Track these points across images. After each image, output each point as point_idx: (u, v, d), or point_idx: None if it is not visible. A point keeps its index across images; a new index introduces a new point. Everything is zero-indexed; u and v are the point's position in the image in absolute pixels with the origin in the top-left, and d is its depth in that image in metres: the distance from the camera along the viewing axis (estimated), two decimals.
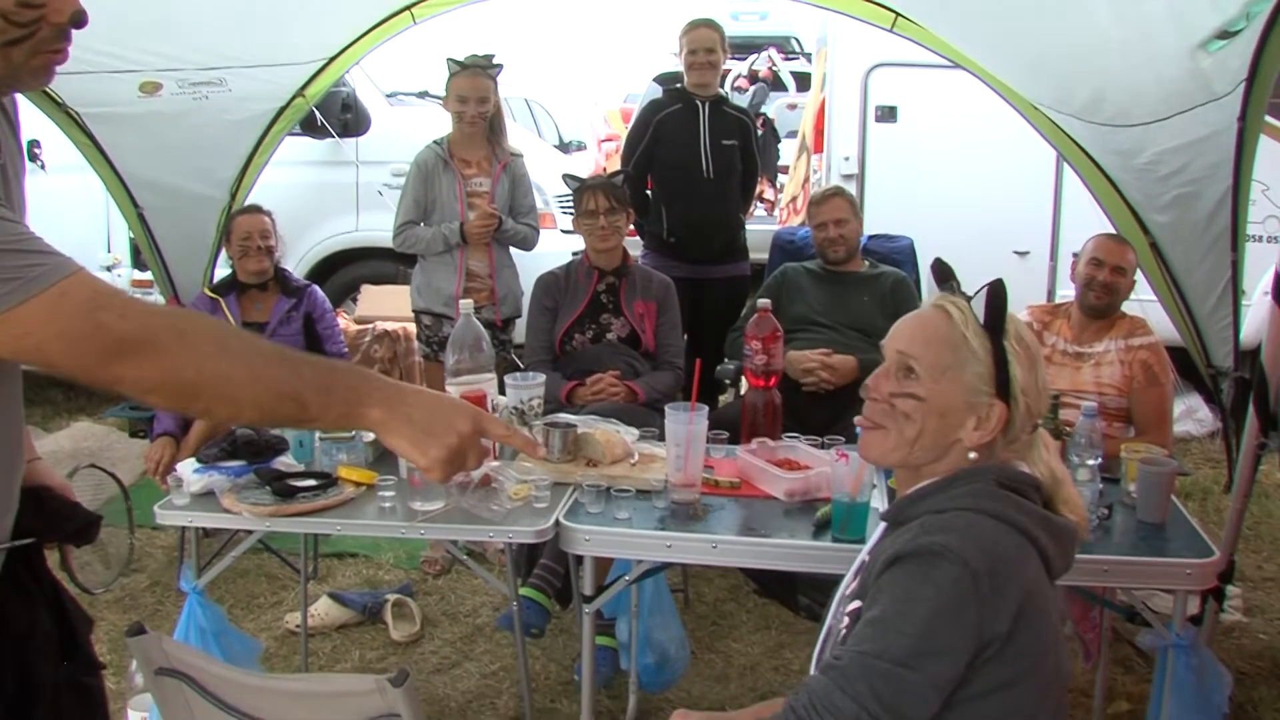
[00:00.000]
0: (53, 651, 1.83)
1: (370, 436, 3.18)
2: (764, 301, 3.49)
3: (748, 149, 5.26)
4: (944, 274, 1.98)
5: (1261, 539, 5.00)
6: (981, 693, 1.68)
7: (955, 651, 1.64)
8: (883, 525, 1.96)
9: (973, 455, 1.83)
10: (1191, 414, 6.57)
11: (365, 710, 1.72)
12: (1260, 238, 5.77)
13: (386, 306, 6.33)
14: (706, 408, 2.82)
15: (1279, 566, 4.77)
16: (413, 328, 5.58)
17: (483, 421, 1.62)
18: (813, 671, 1.80)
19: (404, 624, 4.16)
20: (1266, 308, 3.09)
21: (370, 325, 6.14)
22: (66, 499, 2.04)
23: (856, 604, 1.79)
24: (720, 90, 5.30)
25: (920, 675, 1.63)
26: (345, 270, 7.09)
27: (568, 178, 4.33)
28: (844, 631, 1.80)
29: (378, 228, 6.59)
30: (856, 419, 1.94)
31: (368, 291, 6.66)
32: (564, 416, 3.20)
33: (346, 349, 4.74)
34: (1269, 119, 3.55)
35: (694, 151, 5.07)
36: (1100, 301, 3.86)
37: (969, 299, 1.88)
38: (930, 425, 1.84)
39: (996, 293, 1.82)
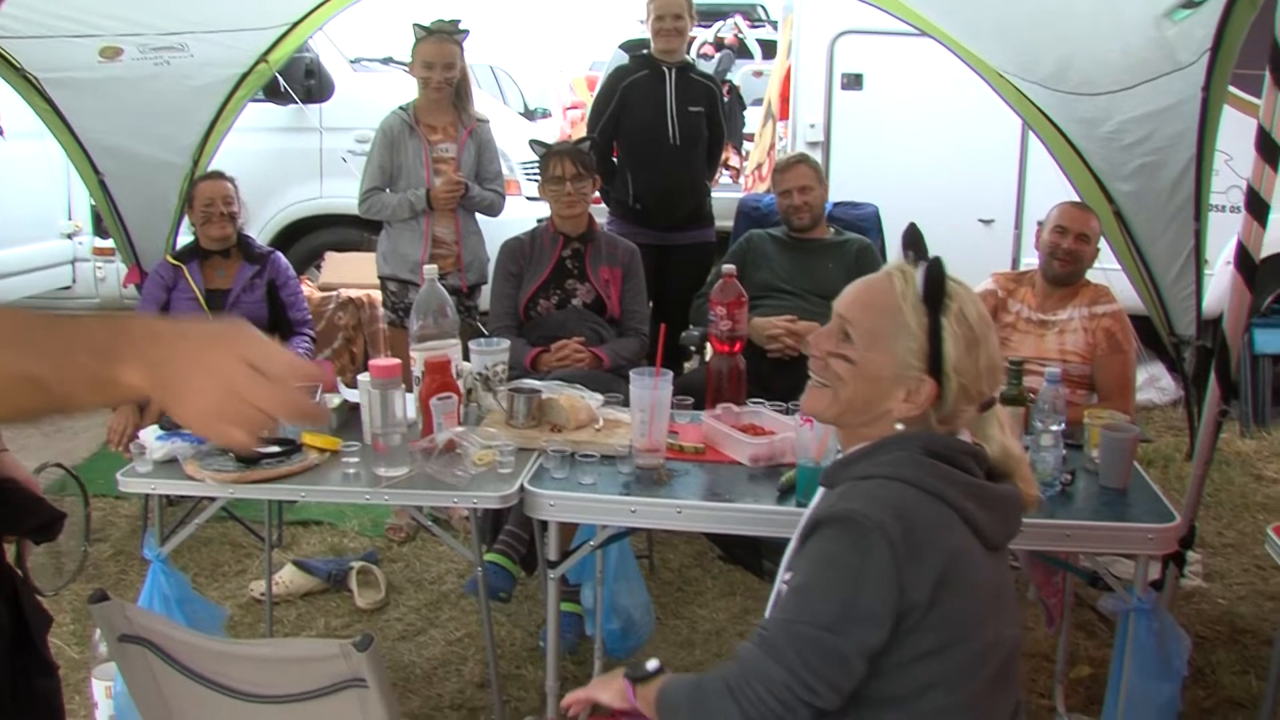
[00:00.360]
0: (5, 648, 1.79)
1: (335, 401, 3.17)
2: (729, 267, 3.48)
3: (714, 116, 5.24)
4: (910, 240, 1.93)
5: (1222, 506, 5.06)
6: (908, 660, 1.68)
7: (878, 617, 1.65)
8: (821, 489, 1.96)
9: (899, 426, 1.82)
10: (1154, 382, 6.63)
11: (330, 675, 1.72)
12: (1223, 207, 5.77)
13: (350, 273, 6.29)
14: (671, 373, 2.82)
15: (1238, 533, 4.82)
16: (377, 294, 5.57)
17: (250, 351, 1.15)
18: None
19: (369, 591, 4.16)
20: (1229, 277, 3.11)
21: (334, 292, 6.10)
22: (32, 493, 2.02)
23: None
24: (686, 57, 5.28)
25: (846, 641, 1.65)
26: (309, 237, 7.03)
27: (534, 143, 4.31)
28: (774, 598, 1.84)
29: (341, 194, 6.56)
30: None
31: (331, 258, 6.61)
32: (529, 382, 3.20)
33: (310, 316, 4.71)
34: (1232, 89, 3.56)
35: (660, 118, 5.06)
36: (1064, 269, 3.87)
37: (916, 264, 1.86)
38: (860, 390, 1.83)
39: (933, 270, 1.79)
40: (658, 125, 5.07)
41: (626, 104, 5.11)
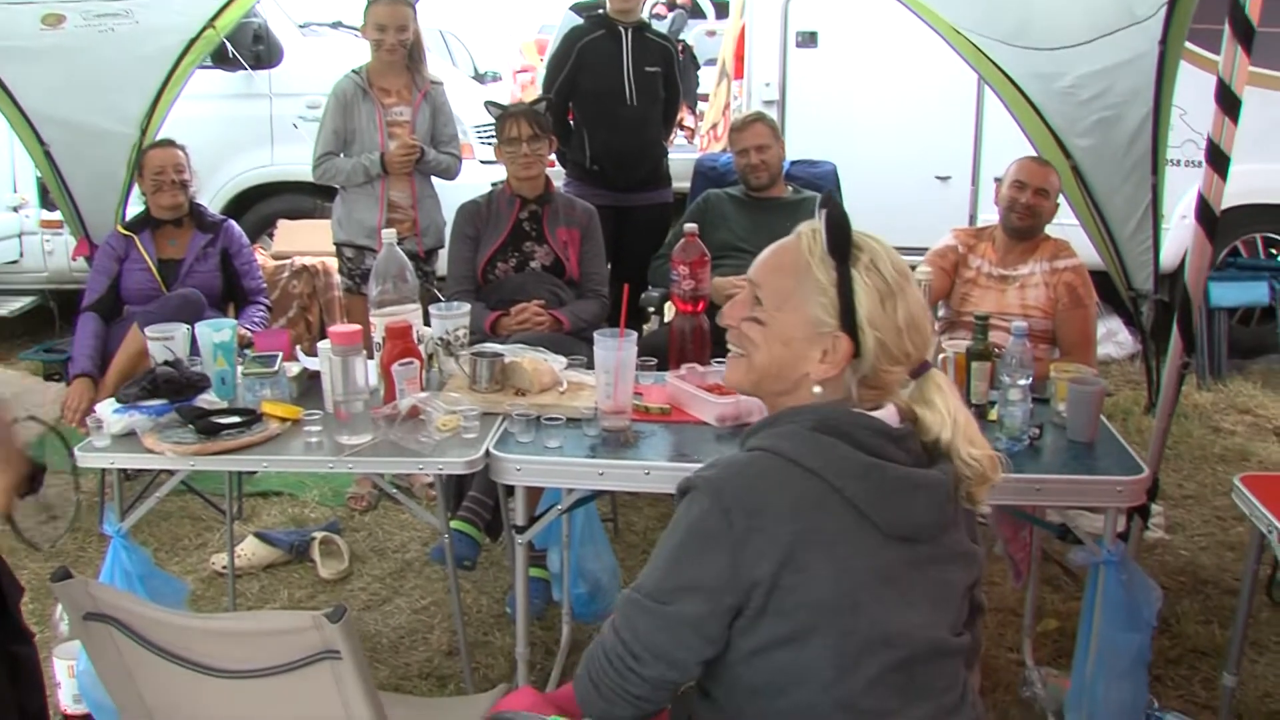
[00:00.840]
0: None
1: (294, 370, 3.12)
2: (690, 226, 3.46)
3: (670, 76, 5.20)
4: (823, 202, 1.79)
5: (1181, 458, 5.10)
6: (764, 646, 1.61)
7: (705, 590, 1.60)
8: None
9: (817, 389, 1.73)
10: (1111, 336, 6.68)
11: (303, 647, 1.68)
12: (1178, 162, 5.81)
13: (304, 241, 6.21)
14: (635, 334, 2.80)
15: (1198, 485, 4.87)
16: (332, 262, 5.52)
17: None
18: None
19: (332, 561, 4.12)
20: (1185, 231, 3.11)
21: (288, 260, 6.01)
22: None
23: None
24: (642, 17, 5.24)
25: (673, 610, 1.61)
26: (260, 205, 6.97)
27: (489, 105, 4.25)
28: None
29: (293, 161, 6.49)
30: None
31: (284, 226, 6.52)
32: (491, 346, 3.16)
33: (265, 284, 4.65)
34: (1188, 44, 3.56)
35: (617, 79, 5.01)
36: (1023, 223, 3.88)
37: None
38: (775, 353, 1.75)
39: (834, 217, 1.70)
40: (614, 86, 5.02)
41: (583, 65, 5.06)
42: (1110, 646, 2.64)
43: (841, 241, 1.70)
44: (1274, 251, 6.85)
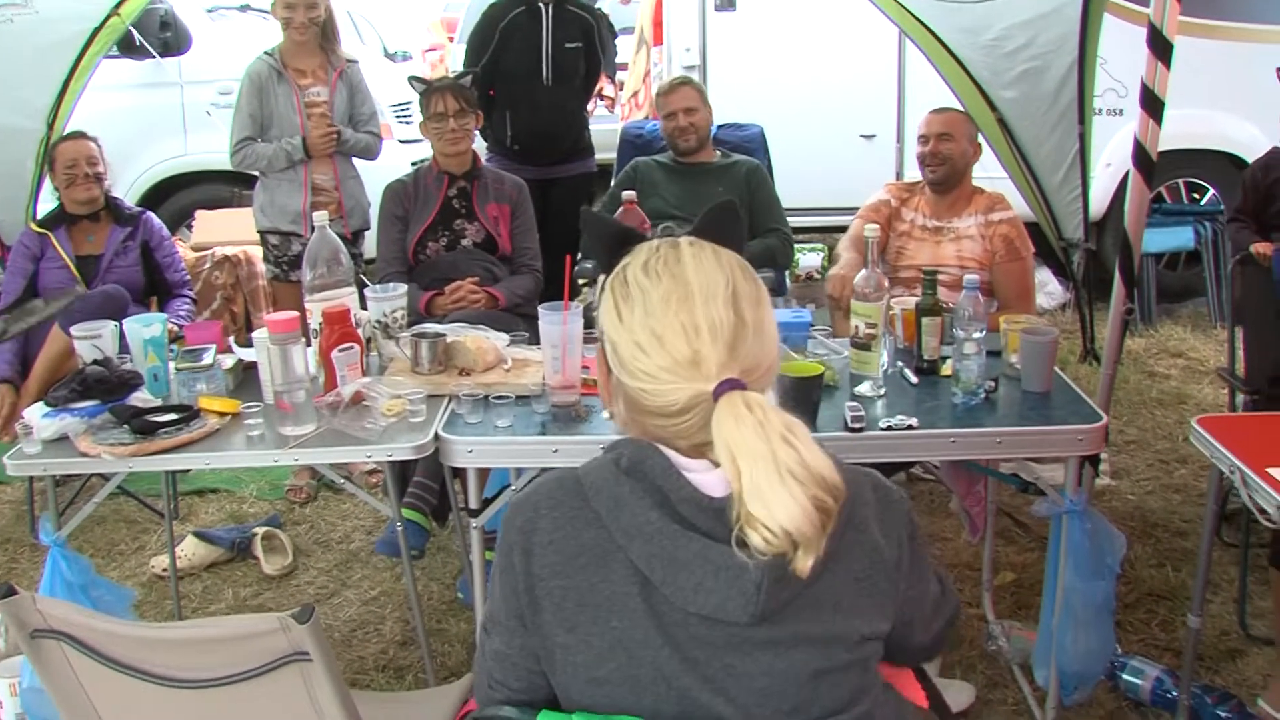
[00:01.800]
0: None
1: (229, 363, 3.03)
2: (629, 194, 3.41)
3: (591, 50, 5.10)
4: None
5: (1120, 405, 5.14)
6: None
7: (501, 621, 1.47)
8: None
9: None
10: (1042, 287, 6.72)
11: (269, 651, 1.61)
12: (1100, 110, 5.85)
13: (224, 231, 6.04)
14: (581, 306, 2.75)
15: (1139, 429, 4.91)
16: (254, 251, 5.38)
17: None
18: None
19: (275, 556, 4.02)
20: (1109, 179, 3.10)
21: (209, 251, 5.84)
22: None
23: None
24: None
25: (491, 641, 1.49)
26: (176, 196, 6.78)
27: (413, 80, 4.15)
28: None
29: (208, 150, 6.36)
30: None
31: (203, 217, 6.34)
32: (432, 326, 3.09)
33: (189, 276, 4.52)
34: None
35: (534, 58, 4.92)
36: (937, 174, 3.88)
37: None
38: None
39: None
40: (531, 65, 4.94)
41: (506, 43, 4.96)
42: (1076, 595, 2.63)
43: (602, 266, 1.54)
44: (1196, 196, 6.92)
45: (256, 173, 4.55)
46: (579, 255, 4.55)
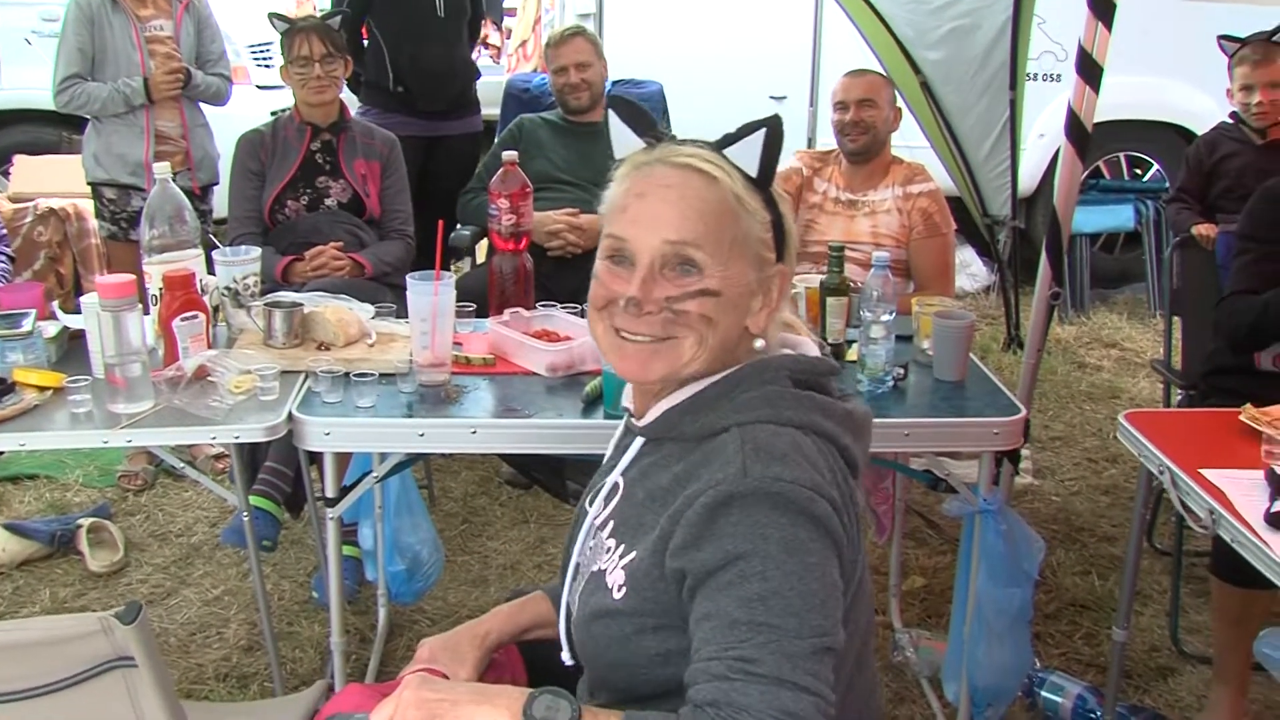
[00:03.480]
0: None
1: (52, 331, 3.00)
2: (510, 154, 3.43)
3: None
4: (644, 119, 1.77)
5: (1046, 397, 5.28)
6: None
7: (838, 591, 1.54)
8: (636, 441, 1.77)
9: (760, 344, 1.68)
10: (965, 268, 6.87)
11: (88, 657, 1.61)
12: (1035, 76, 5.96)
13: (49, 180, 5.93)
14: (453, 276, 2.77)
15: (1066, 425, 5.06)
16: (84, 204, 5.31)
17: None
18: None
19: (103, 551, 3.99)
20: (1042, 151, 3.20)
21: (30, 203, 5.75)
22: None
23: (614, 542, 1.70)
24: None
25: (838, 637, 1.51)
26: None
27: (274, 17, 4.11)
28: (605, 570, 1.68)
29: (28, 85, 6.25)
30: (625, 334, 1.67)
31: (23, 163, 6.20)
32: (287, 295, 3.09)
33: (4, 229, 4.44)
34: None
35: None
36: (857, 143, 3.93)
37: (718, 146, 1.67)
38: (731, 320, 1.64)
39: (774, 134, 1.62)
40: None
41: None
42: (990, 603, 2.71)
43: (773, 165, 1.65)
44: (1139, 172, 7.10)
45: (87, 115, 4.48)
46: (457, 225, 4.58)
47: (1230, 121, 4.60)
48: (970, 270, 6.91)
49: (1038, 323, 3.35)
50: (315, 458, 2.87)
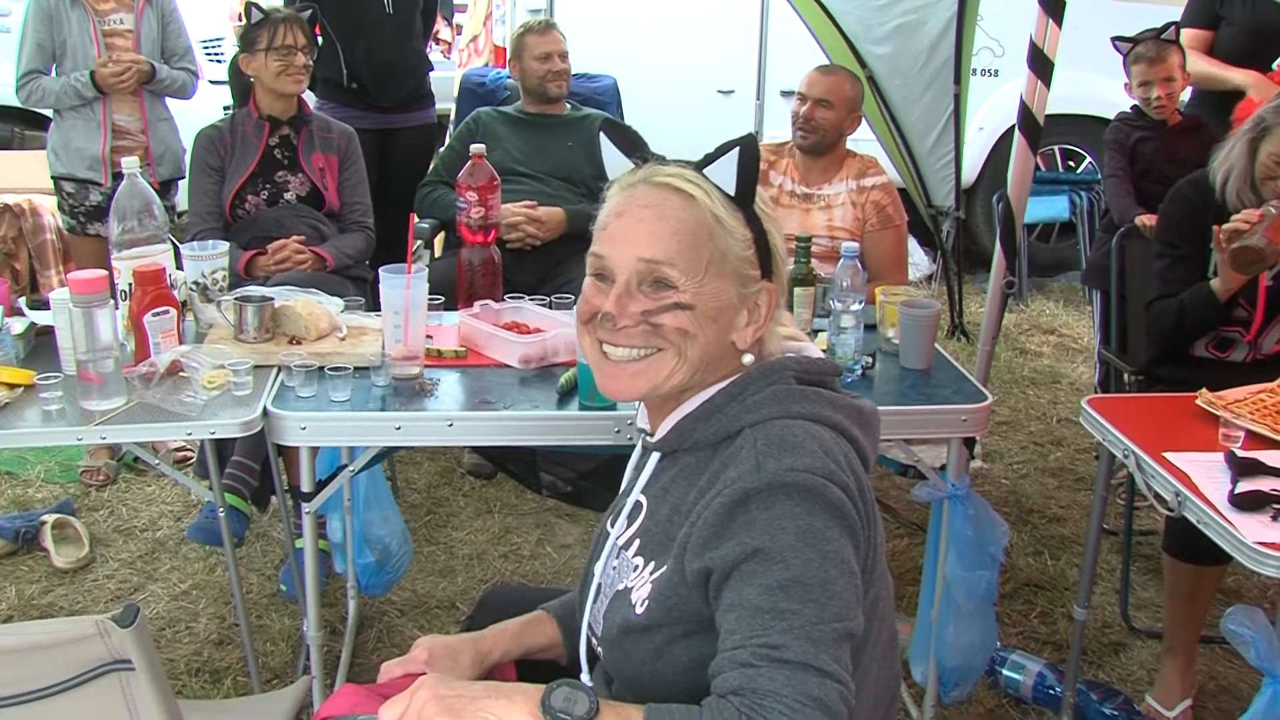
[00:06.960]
0: None
1: (19, 327, 2.90)
2: (478, 147, 3.37)
3: None
4: (632, 140, 1.76)
5: (991, 383, 5.26)
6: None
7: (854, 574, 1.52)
8: (653, 458, 1.76)
9: (748, 359, 1.68)
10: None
11: (84, 660, 1.54)
12: (974, 71, 5.97)
13: (3, 176, 5.80)
14: (426, 269, 2.71)
15: (1011, 409, 5.06)
16: (41, 200, 5.18)
17: None
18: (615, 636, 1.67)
19: (68, 548, 3.88)
20: (982, 144, 3.19)
21: None
22: None
23: (641, 560, 1.68)
24: None
25: (857, 621, 1.50)
26: None
27: (251, 6, 3.99)
28: (632, 588, 1.66)
29: None
30: (608, 347, 1.67)
31: None
32: (257, 289, 3.01)
33: None
34: None
35: None
36: (805, 141, 3.89)
37: (698, 166, 1.66)
38: (710, 334, 1.64)
39: (749, 153, 1.62)
40: None
41: None
42: (958, 586, 2.70)
43: (751, 185, 1.64)
44: (1072, 164, 7.14)
45: (46, 110, 4.36)
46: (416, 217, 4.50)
47: (1130, 112, 4.62)
48: (913, 260, 6.90)
49: (993, 311, 3.36)
50: (283, 451, 2.78)
